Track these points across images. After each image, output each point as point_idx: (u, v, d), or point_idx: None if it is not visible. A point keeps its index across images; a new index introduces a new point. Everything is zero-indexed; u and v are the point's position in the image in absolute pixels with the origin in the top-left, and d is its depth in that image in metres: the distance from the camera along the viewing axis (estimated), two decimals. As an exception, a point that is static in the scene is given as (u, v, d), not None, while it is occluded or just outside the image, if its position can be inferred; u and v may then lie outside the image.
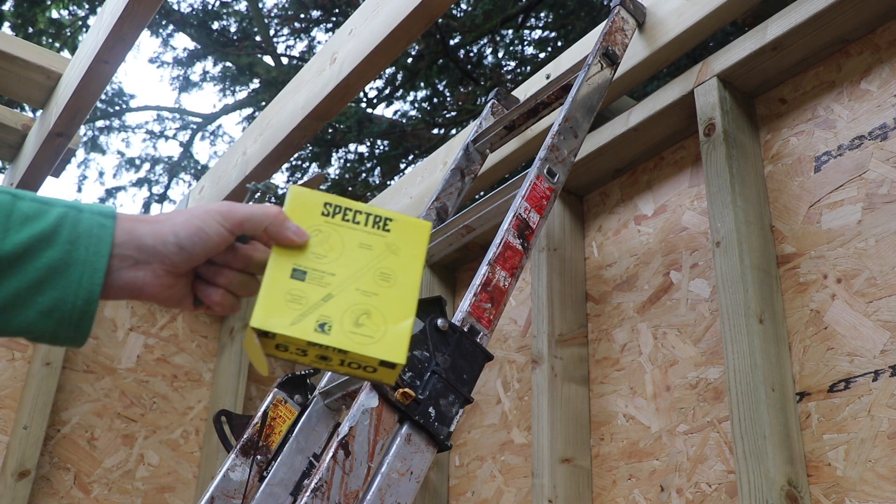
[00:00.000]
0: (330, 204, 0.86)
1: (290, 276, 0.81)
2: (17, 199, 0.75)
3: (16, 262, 0.73)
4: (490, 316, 1.26)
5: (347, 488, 1.04)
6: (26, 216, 0.74)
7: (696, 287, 1.79)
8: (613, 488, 1.82)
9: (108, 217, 0.78)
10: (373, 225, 0.86)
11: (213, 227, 0.81)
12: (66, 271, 0.74)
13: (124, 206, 9.31)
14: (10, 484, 2.29)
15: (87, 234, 0.76)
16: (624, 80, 1.94)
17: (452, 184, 1.95)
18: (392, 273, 0.83)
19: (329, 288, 0.81)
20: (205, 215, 0.82)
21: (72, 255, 0.75)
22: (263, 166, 2.47)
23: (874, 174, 1.53)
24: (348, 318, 0.80)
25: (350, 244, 0.84)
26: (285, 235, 0.82)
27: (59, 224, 0.75)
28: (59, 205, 0.77)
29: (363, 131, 7.49)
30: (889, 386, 1.39)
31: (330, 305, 0.80)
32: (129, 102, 9.61)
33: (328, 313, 0.79)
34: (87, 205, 0.79)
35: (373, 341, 0.79)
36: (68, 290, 0.74)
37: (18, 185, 2.56)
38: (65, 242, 0.75)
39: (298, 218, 0.84)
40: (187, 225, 0.81)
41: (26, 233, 0.73)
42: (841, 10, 1.58)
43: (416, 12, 1.87)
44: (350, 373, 0.82)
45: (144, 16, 1.94)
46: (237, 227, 0.82)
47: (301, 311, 0.79)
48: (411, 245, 0.85)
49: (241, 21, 8.71)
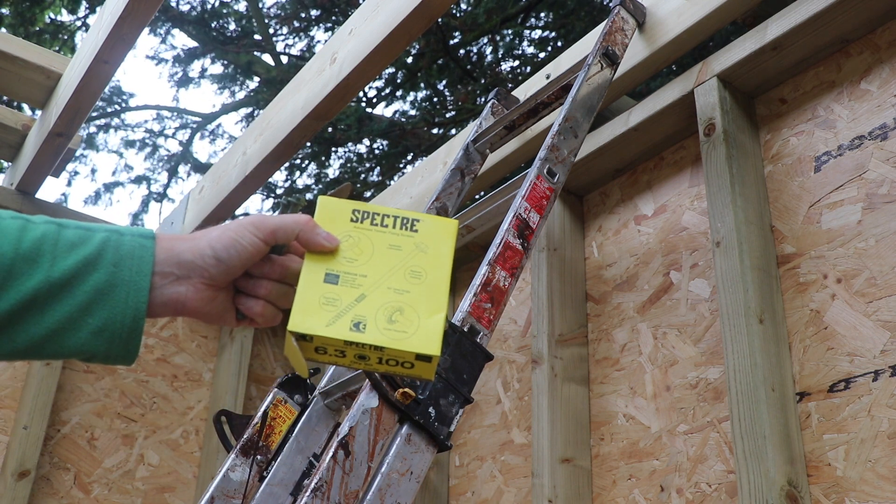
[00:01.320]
0: (358, 210, 0.89)
1: (323, 281, 0.84)
2: (62, 228, 0.80)
3: (66, 287, 0.77)
4: (490, 316, 1.26)
5: (347, 488, 1.04)
6: (72, 243, 0.79)
7: (696, 287, 1.79)
8: (613, 488, 1.82)
9: (148, 238, 0.83)
10: (401, 227, 0.88)
11: (247, 238, 0.85)
12: (112, 292, 0.79)
13: (121, 202, 9.30)
14: (10, 484, 2.29)
15: (129, 256, 0.81)
16: (624, 80, 1.94)
17: (452, 184, 1.95)
18: (422, 270, 0.86)
19: (362, 289, 0.84)
20: (238, 227, 0.86)
21: (117, 276, 0.79)
22: (263, 166, 2.46)
23: (874, 174, 1.53)
24: (382, 315, 0.82)
25: (380, 246, 0.86)
26: (316, 241, 0.85)
27: (102, 248, 0.80)
28: (101, 230, 0.82)
29: (362, 130, 7.50)
30: (889, 386, 1.39)
31: (363, 305, 0.82)
32: (128, 101, 9.61)
33: (362, 312, 0.82)
34: (128, 228, 0.84)
35: (407, 336, 0.81)
36: (116, 310, 0.79)
37: (18, 185, 2.55)
38: (109, 265, 0.80)
39: (328, 225, 0.87)
40: (222, 238, 0.85)
41: (73, 259, 0.78)
42: (841, 10, 1.58)
43: (416, 12, 1.87)
44: (389, 370, 0.84)
45: (144, 15, 1.94)
46: (270, 235, 0.86)
47: (336, 312, 0.82)
48: (439, 243, 0.88)
49: (240, 20, 8.71)
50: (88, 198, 9.34)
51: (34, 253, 0.77)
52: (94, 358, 0.80)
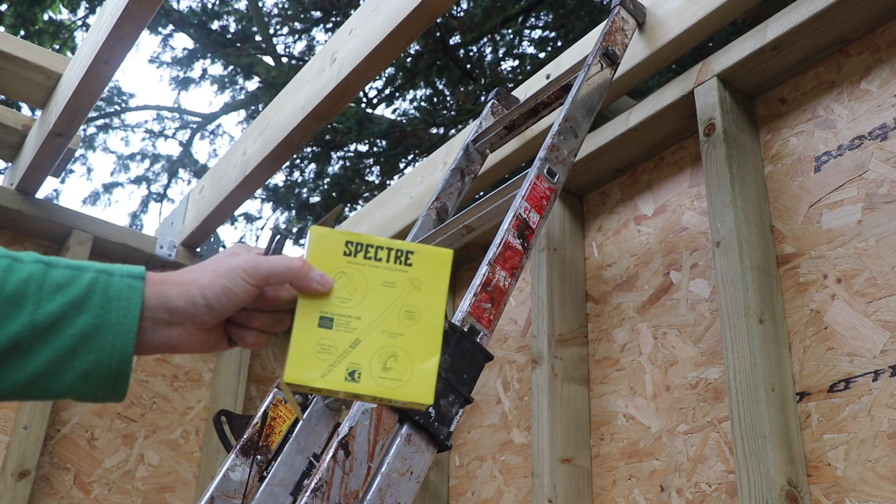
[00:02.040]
0: (351, 242, 0.88)
1: (317, 326, 0.84)
2: (49, 268, 0.78)
3: (51, 330, 0.76)
4: (490, 316, 1.26)
5: (347, 488, 1.04)
6: (59, 284, 0.78)
7: (696, 287, 1.79)
8: (613, 488, 1.82)
9: (138, 279, 0.81)
10: (395, 260, 0.88)
11: (240, 286, 0.83)
12: (99, 335, 0.78)
13: (120, 202, 9.30)
14: (10, 484, 2.29)
15: (117, 298, 0.79)
16: (624, 80, 1.94)
17: (452, 184, 1.95)
18: (416, 310, 0.86)
19: (356, 333, 0.84)
20: (230, 273, 0.84)
21: (104, 318, 0.78)
22: (263, 166, 2.46)
23: (874, 174, 1.53)
24: (376, 363, 0.83)
25: (373, 284, 0.86)
26: (310, 287, 0.84)
27: (90, 290, 0.78)
28: (90, 269, 0.80)
29: (363, 132, 7.49)
30: (889, 386, 1.39)
31: (358, 352, 0.83)
32: (128, 101, 9.61)
33: (357, 360, 0.83)
34: (118, 267, 0.82)
35: (401, 384, 0.82)
36: (103, 353, 0.78)
37: (18, 185, 2.55)
38: (97, 307, 0.78)
39: (321, 261, 0.86)
40: (214, 285, 0.83)
41: (59, 301, 0.77)
42: (841, 10, 1.58)
43: (416, 12, 1.87)
44: (383, 403, 0.85)
45: (144, 16, 1.94)
46: (262, 281, 0.84)
47: (330, 361, 0.82)
48: (433, 278, 0.89)
49: (240, 20, 8.71)
50: (87, 198, 9.34)
51: (18, 295, 0.75)
52: (82, 398, 0.79)
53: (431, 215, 1.87)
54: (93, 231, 2.64)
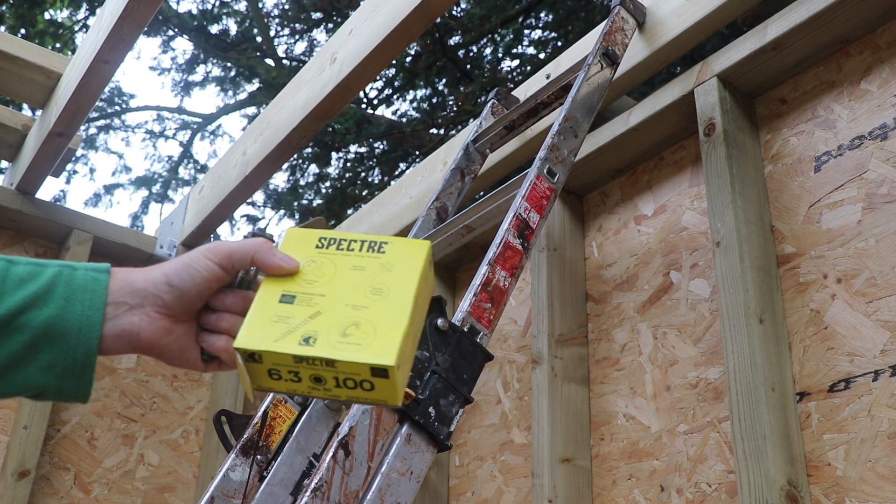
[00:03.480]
0: (325, 238, 0.85)
1: (278, 301, 0.79)
2: (11, 265, 0.78)
3: (12, 324, 0.75)
4: (490, 316, 1.26)
5: (347, 488, 1.04)
6: (21, 279, 0.77)
7: (696, 287, 1.79)
8: (613, 488, 1.82)
9: (103, 272, 0.80)
10: (367, 250, 0.84)
11: (201, 262, 0.82)
12: (63, 327, 0.76)
13: (121, 203, 9.33)
14: (10, 484, 2.29)
15: (81, 290, 0.78)
16: (624, 80, 1.94)
17: (452, 184, 1.95)
18: (385, 287, 0.80)
19: (318, 307, 0.79)
20: (193, 253, 0.83)
21: (67, 310, 0.77)
22: (263, 166, 2.47)
23: (874, 174, 1.53)
24: (336, 329, 0.76)
25: (343, 268, 0.82)
26: (273, 262, 0.81)
27: (53, 282, 0.78)
28: (53, 265, 0.79)
29: (362, 133, 7.50)
30: (889, 386, 1.39)
31: (317, 321, 0.77)
32: (128, 102, 9.61)
33: (315, 328, 0.77)
34: (83, 263, 0.81)
35: (360, 348, 0.75)
36: (67, 345, 0.76)
37: (18, 185, 2.55)
38: (60, 299, 0.77)
39: (291, 253, 0.83)
40: (176, 263, 0.82)
41: (21, 294, 0.76)
42: (841, 10, 1.58)
43: (415, 12, 1.87)
44: (350, 396, 0.78)
45: (144, 16, 1.94)
46: (225, 258, 0.82)
47: (286, 328, 0.77)
48: (407, 263, 0.82)
49: (241, 22, 8.71)
50: (88, 199, 9.34)
51: None
52: (45, 394, 0.78)
53: (431, 215, 1.87)
54: (93, 231, 2.64)
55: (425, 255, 0.83)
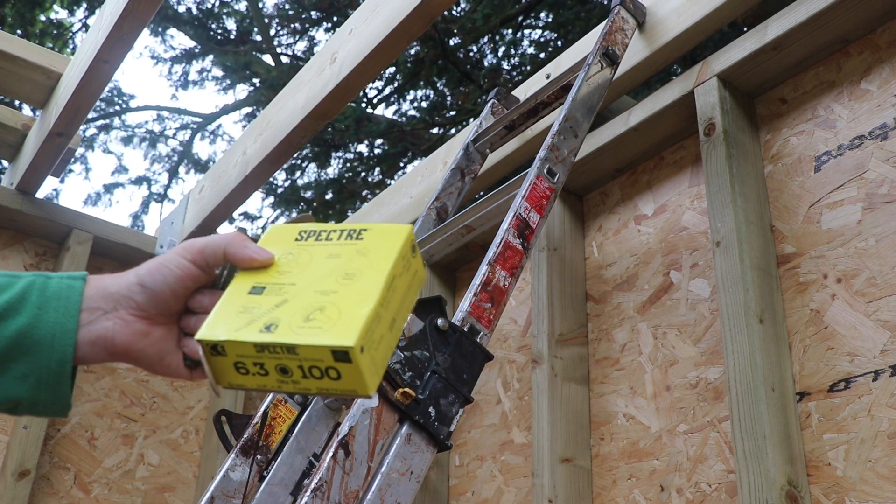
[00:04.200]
0: (305, 231, 0.83)
1: (247, 293, 0.76)
2: None
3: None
4: (490, 316, 1.26)
5: (347, 488, 1.04)
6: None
7: (696, 287, 1.79)
8: (613, 488, 1.82)
9: (78, 279, 0.79)
10: (346, 238, 0.81)
11: (174, 260, 0.80)
12: (35, 334, 0.75)
13: (121, 203, 9.33)
14: (10, 484, 2.29)
15: (55, 297, 0.76)
16: (624, 79, 1.94)
17: (452, 183, 1.95)
18: (357, 272, 0.77)
19: (286, 295, 0.76)
20: (167, 253, 0.81)
21: (41, 318, 0.75)
22: (263, 166, 2.47)
23: (874, 174, 1.53)
24: (299, 316, 0.73)
25: (318, 257, 0.80)
26: (244, 254, 0.79)
27: (26, 292, 0.76)
28: (27, 276, 0.78)
29: (361, 130, 7.50)
30: (889, 386, 1.39)
31: (282, 309, 0.74)
32: (128, 102, 9.61)
33: (278, 315, 0.73)
34: (58, 273, 0.79)
35: (321, 331, 0.71)
36: (41, 354, 0.74)
37: (19, 185, 2.55)
38: (33, 308, 0.75)
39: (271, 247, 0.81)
40: (150, 264, 0.80)
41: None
42: (841, 10, 1.58)
43: (415, 12, 1.87)
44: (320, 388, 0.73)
45: (144, 15, 1.94)
46: (198, 255, 0.80)
47: (249, 318, 0.73)
48: (383, 247, 0.79)
49: (240, 21, 8.71)
50: (88, 199, 9.34)
51: None
52: (20, 407, 0.76)
53: (431, 215, 1.87)
54: (93, 231, 2.64)
55: (403, 238, 0.80)
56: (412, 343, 1.15)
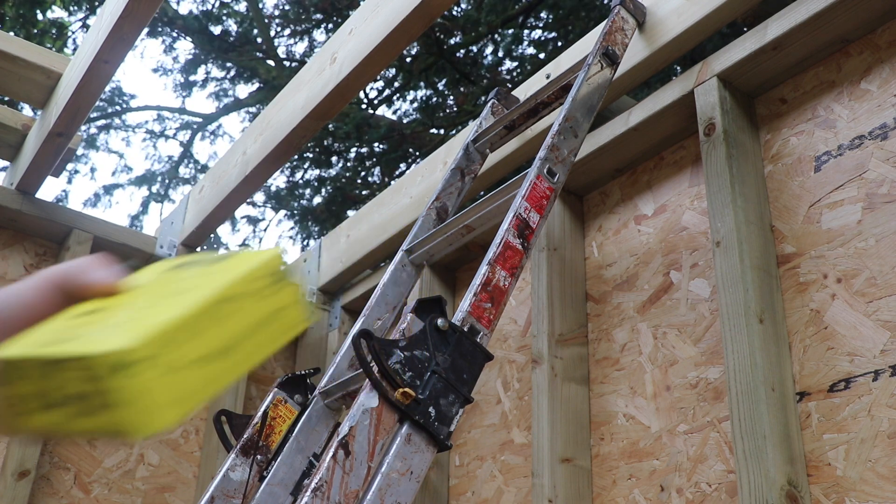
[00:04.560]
0: (185, 263, 0.77)
1: (73, 317, 0.70)
2: None
3: None
4: (490, 316, 1.26)
5: (347, 488, 1.04)
6: None
7: (696, 287, 1.79)
8: (613, 488, 1.82)
9: None
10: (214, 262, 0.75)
11: (29, 283, 0.77)
12: None
13: (121, 203, 9.33)
14: (10, 484, 2.29)
15: None
16: (624, 79, 1.94)
17: (452, 183, 1.95)
18: (188, 290, 0.69)
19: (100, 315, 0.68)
20: (26, 279, 0.78)
21: None
22: (263, 166, 2.47)
23: (874, 174, 1.53)
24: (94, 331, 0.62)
25: (168, 280, 0.74)
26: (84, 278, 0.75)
27: None
28: None
29: (362, 136, 7.50)
30: (889, 386, 1.39)
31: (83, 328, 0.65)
32: (129, 102, 9.61)
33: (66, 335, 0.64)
34: None
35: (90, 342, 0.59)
36: None
37: (19, 185, 2.55)
38: None
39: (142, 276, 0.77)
40: (4, 290, 0.77)
41: None
42: (841, 10, 1.58)
43: (415, 12, 1.87)
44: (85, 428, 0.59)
45: (144, 15, 1.94)
46: (59, 278, 0.77)
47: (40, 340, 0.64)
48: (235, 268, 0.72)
49: (241, 22, 8.71)
50: (88, 199, 9.34)
51: None
52: None
53: (431, 215, 1.87)
54: (93, 231, 2.64)
55: (259, 262, 0.72)
56: (412, 343, 1.15)
